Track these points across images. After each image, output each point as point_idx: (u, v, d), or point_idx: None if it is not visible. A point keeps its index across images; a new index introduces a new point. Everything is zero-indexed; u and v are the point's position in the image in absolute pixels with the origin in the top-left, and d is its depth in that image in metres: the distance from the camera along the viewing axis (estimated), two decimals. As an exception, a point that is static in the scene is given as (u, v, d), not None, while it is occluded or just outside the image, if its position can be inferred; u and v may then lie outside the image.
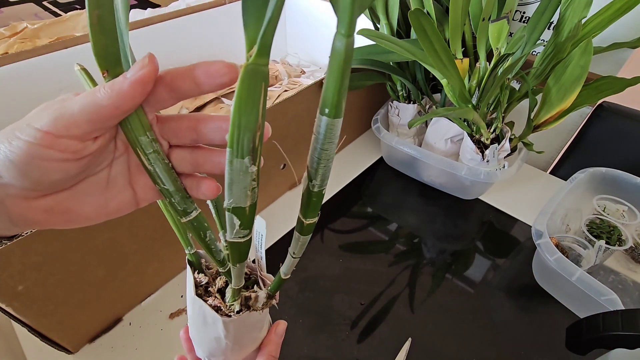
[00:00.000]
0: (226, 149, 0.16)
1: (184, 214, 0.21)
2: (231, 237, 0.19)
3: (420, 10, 0.44)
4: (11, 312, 0.34)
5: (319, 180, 0.19)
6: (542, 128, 0.55)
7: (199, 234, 0.22)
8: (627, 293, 0.50)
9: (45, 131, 0.17)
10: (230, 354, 0.29)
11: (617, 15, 0.49)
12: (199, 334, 0.29)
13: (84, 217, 0.21)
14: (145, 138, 0.19)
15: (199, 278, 0.28)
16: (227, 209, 0.18)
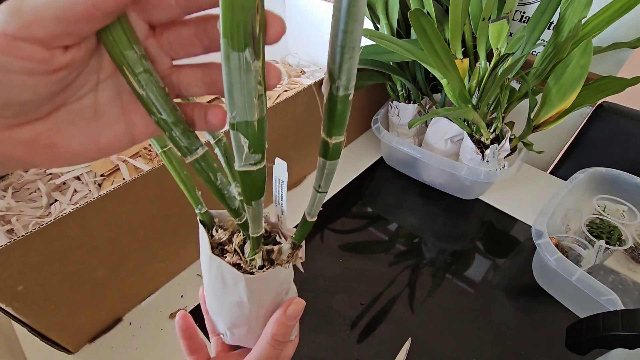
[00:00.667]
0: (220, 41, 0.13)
1: (188, 152, 0.18)
2: (241, 165, 0.16)
3: (420, 10, 0.44)
4: (11, 312, 0.34)
5: (344, 79, 0.15)
6: (542, 128, 0.55)
7: (207, 176, 0.19)
8: (627, 293, 0.50)
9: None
10: (255, 322, 0.26)
11: (617, 15, 0.49)
12: (219, 301, 0.26)
13: (70, 152, 0.17)
14: (132, 53, 0.15)
15: (216, 235, 0.25)
16: (231, 124, 0.15)
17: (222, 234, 0.25)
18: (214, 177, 0.19)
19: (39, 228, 0.32)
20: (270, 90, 0.31)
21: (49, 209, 0.54)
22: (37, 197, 0.56)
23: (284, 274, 0.25)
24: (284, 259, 0.24)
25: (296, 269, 0.28)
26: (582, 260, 0.49)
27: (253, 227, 0.21)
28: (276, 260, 0.24)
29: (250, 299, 0.24)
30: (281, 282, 0.25)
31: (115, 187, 0.36)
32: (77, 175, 0.57)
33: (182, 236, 0.47)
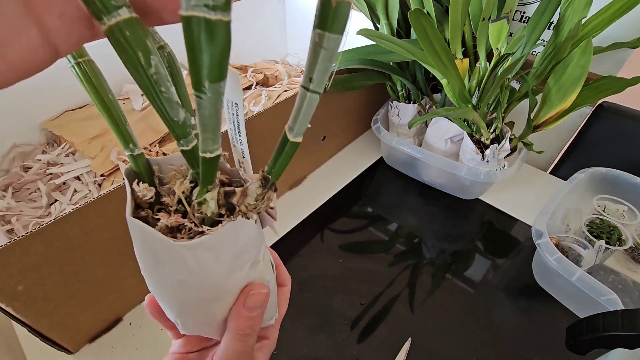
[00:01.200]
0: None
1: (105, 11, 0.11)
2: (188, 7, 0.10)
3: (420, 10, 0.44)
4: (11, 312, 0.34)
5: None
6: (542, 128, 0.55)
7: (134, 58, 0.12)
8: (627, 293, 0.50)
9: None
10: (211, 307, 0.20)
11: (617, 15, 0.49)
12: (156, 282, 0.19)
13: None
14: None
15: (142, 190, 0.17)
16: None
17: (147, 191, 0.18)
18: (144, 60, 0.12)
19: (39, 228, 0.32)
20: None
21: (49, 209, 0.54)
22: (37, 197, 0.56)
23: (247, 232, 0.18)
24: (251, 203, 0.17)
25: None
26: (582, 260, 0.49)
27: (206, 140, 0.14)
28: (239, 205, 0.17)
29: (195, 278, 0.17)
30: (243, 248, 0.18)
31: (116, 187, 0.36)
32: (77, 175, 0.57)
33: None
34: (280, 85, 0.77)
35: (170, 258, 0.17)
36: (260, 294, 0.21)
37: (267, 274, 0.22)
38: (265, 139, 0.52)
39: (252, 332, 0.22)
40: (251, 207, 0.18)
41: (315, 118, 0.62)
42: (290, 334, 0.46)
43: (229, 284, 0.19)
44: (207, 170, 0.16)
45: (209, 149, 0.15)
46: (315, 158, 0.68)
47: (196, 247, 0.16)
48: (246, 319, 0.21)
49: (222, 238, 0.17)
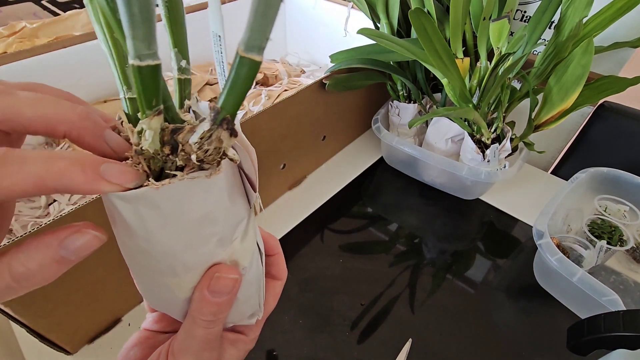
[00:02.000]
0: None
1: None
2: None
3: (421, 10, 0.44)
4: (10, 312, 0.34)
5: None
6: (543, 128, 0.55)
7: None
8: (628, 293, 0.50)
9: None
10: (174, 285, 0.17)
11: (618, 14, 0.49)
12: (123, 250, 0.18)
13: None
14: None
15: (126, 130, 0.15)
16: None
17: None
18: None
19: (37, 228, 0.32)
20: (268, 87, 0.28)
21: (48, 209, 0.54)
22: (35, 197, 0.55)
23: (212, 198, 0.15)
24: (195, 142, 0.14)
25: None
26: (583, 260, 0.49)
27: (135, 41, 0.12)
28: (183, 144, 0.14)
29: (141, 243, 0.15)
30: (206, 217, 0.16)
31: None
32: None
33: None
34: (280, 84, 0.77)
35: (111, 213, 0.16)
36: (227, 279, 0.18)
37: (245, 259, 0.19)
38: (265, 139, 0.52)
39: (215, 319, 0.19)
40: (195, 147, 0.14)
41: (315, 118, 0.62)
42: (290, 335, 0.46)
43: (186, 258, 0.17)
44: (142, 87, 0.13)
45: (141, 53, 0.12)
46: (315, 158, 0.68)
47: (133, 201, 0.14)
48: (209, 304, 0.18)
49: (169, 196, 0.14)
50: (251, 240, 0.20)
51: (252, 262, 0.20)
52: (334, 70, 0.59)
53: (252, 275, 0.20)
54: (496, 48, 0.49)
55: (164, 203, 0.15)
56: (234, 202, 0.17)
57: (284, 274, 0.25)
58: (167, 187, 0.14)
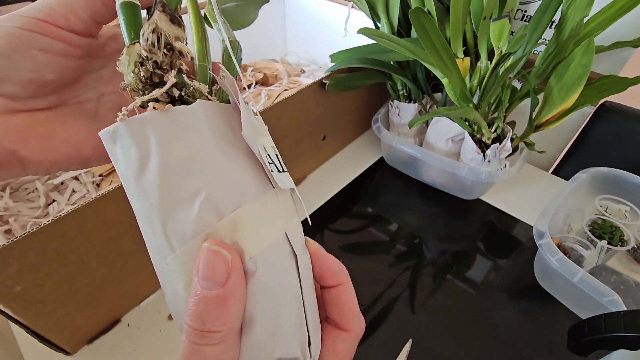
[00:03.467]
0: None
1: None
2: None
3: (421, 9, 0.44)
4: (9, 313, 0.34)
5: None
6: (543, 128, 0.55)
7: None
8: (629, 294, 0.50)
9: (41, 19, 0.16)
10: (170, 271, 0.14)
11: (619, 14, 0.48)
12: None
13: (66, 144, 0.18)
14: None
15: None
16: None
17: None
18: None
19: (37, 228, 0.32)
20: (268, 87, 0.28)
21: (47, 209, 0.54)
22: (35, 197, 0.55)
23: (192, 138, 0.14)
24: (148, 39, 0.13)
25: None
26: (584, 260, 0.49)
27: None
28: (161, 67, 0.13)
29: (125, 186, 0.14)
30: (184, 163, 0.13)
31: (114, 187, 0.35)
32: (76, 175, 0.57)
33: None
34: (280, 84, 0.76)
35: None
36: (218, 256, 0.13)
37: (254, 246, 0.14)
38: (265, 139, 0.51)
39: (203, 329, 0.13)
40: (145, 42, 0.14)
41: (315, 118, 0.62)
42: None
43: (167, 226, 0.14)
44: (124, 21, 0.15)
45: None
46: (315, 158, 0.68)
47: (109, 138, 0.13)
48: (195, 298, 0.13)
49: (141, 131, 0.13)
50: (271, 225, 0.15)
51: (273, 260, 0.15)
52: (334, 70, 0.58)
53: (276, 282, 0.15)
54: (497, 48, 0.49)
55: (138, 141, 0.13)
56: (228, 156, 0.14)
57: (354, 324, 0.17)
58: (134, 118, 0.13)
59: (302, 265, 0.16)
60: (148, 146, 0.13)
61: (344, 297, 0.17)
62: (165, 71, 0.14)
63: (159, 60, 0.14)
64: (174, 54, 0.14)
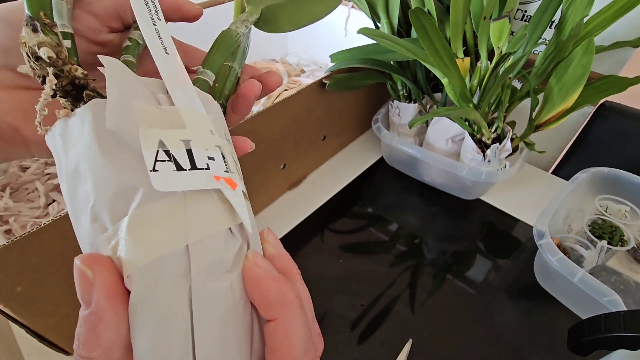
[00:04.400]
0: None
1: None
2: None
3: (421, 9, 0.44)
4: (9, 313, 0.34)
5: None
6: (543, 128, 0.55)
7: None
8: (629, 294, 0.50)
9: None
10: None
11: (619, 14, 0.48)
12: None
13: None
14: None
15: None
16: None
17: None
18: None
19: (37, 228, 0.32)
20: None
21: (47, 209, 0.54)
22: (35, 197, 0.55)
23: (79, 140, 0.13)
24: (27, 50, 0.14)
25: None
26: (584, 260, 0.49)
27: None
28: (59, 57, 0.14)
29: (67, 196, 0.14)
30: (76, 168, 0.13)
31: None
32: (77, 175, 0.57)
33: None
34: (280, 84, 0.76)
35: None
36: (81, 273, 0.12)
37: (136, 259, 0.13)
38: (265, 139, 0.52)
39: (76, 350, 0.12)
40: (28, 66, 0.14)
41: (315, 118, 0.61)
42: (290, 335, 0.46)
43: (78, 229, 0.14)
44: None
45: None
46: (315, 158, 0.68)
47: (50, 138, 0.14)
48: (79, 320, 0.12)
49: (52, 140, 0.14)
50: (160, 236, 0.13)
51: (153, 280, 0.13)
52: (334, 70, 0.58)
53: (152, 309, 0.13)
54: (497, 48, 0.49)
55: (54, 147, 0.14)
56: (114, 158, 0.13)
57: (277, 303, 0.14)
58: (51, 129, 0.14)
59: (203, 291, 0.13)
60: (57, 153, 0.14)
61: (276, 338, 0.13)
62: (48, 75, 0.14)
63: (37, 72, 0.14)
64: (44, 59, 0.14)
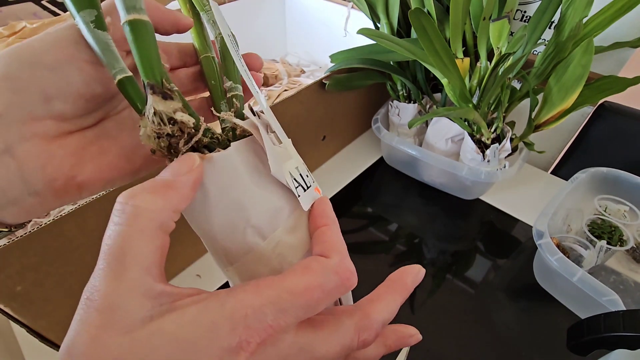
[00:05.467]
0: None
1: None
2: None
3: (421, 10, 0.44)
4: (9, 312, 0.34)
5: None
6: (543, 128, 0.55)
7: None
8: (628, 293, 0.50)
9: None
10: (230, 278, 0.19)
11: (618, 14, 0.49)
12: None
13: (120, 156, 0.18)
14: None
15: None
16: None
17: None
18: None
19: (37, 228, 0.32)
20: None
21: (48, 209, 0.54)
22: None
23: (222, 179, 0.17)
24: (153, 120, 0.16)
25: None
26: (583, 260, 0.49)
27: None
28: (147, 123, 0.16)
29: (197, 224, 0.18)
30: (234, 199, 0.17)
31: (114, 187, 0.35)
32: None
33: (181, 236, 0.47)
34: (280, 84, 0.77)
35: None
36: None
37: (294, 255, 0.19)
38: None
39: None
40: (151, 122, 0.16)
41: (316, 118, 0.61)
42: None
43: (226, 246, 0.18)
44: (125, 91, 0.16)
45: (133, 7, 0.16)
46: (315, 158, 0.68)
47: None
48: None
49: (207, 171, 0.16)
50: (302, 238, 0.19)
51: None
52: (334, 70, 0.59)
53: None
54: (496, 48, 0.49)
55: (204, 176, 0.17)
56: (262, 188, 0.18)
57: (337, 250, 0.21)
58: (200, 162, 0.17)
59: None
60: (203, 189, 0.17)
61: (326, 233, 0.20)
62: (178, 137, 0.17)
63: (170, 132, 0.16)
64: (179, 123, 0.16)
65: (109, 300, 0.13)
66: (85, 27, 0.16)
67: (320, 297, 0.16)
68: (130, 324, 0.13)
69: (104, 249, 0.15)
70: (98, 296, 0.13)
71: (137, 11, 0.16)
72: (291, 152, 0.20)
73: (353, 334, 0.17)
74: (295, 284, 0.15)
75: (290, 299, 0.15)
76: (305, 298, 0.15)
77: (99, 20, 0.16)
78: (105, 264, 0.14)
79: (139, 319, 0.13)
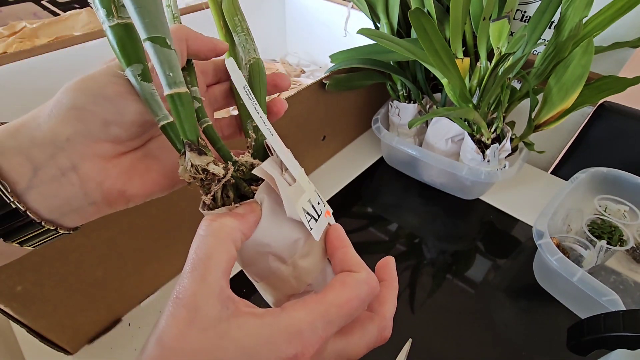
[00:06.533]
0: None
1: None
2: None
3: (421, 10, 0.44)
4: (10, 312, 0.34)
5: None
6: (543, 128, 0.55)
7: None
8: (628, 293, 0.50)
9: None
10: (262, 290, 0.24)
11: (618, 14, 0.49)
12: None
13: (165, 174, 0.21)
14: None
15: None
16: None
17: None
18: None
19: (37, 228, 0.32)
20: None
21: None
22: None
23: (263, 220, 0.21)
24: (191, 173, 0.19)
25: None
26: (583, 260, 0.49)
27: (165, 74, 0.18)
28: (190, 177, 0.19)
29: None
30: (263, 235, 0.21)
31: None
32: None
33: (181, 236, 0.47)
34: (280, 85, 0.76)
35: None
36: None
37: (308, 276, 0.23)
38: (265, 139, 0.52)
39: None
40: (187, 174, 0.19)
41: (316, 118, 0.61)
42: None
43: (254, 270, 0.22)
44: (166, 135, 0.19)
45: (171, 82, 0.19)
46: (315, 158, 0.68)
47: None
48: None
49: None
50: (315, 260, 0.23)
51: (320, 280, 0.24)
52: (334, 70, 0.59)
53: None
54: (496, 48, 0.49)
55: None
56: (280, 226, 0.21)
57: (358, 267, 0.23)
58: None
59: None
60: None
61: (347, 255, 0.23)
62: (210, 180, 0.20)
63: (203, 178, 0.20)
64: (210, 173, 0.20)
65: (193, 299, 0.16)
66: (133, 79, 0.18)
67: (358, 306, 0.19)
68: (207, 323, 0.16)
69: (192, 256, 0.17)
70: (185, 295, 0.16)
71: (177, 85, 0.18)
72: (304, 186, 0.22)
73: (377, 334, 0.22)
74: (338, 297, 0.18)
75: (336, 311, 0.18)
76: (347, 308, 0.18)
77: (145, 74, 0.19)
78: (192, 267, 0.17)
79: (213, 318, 0.16)
